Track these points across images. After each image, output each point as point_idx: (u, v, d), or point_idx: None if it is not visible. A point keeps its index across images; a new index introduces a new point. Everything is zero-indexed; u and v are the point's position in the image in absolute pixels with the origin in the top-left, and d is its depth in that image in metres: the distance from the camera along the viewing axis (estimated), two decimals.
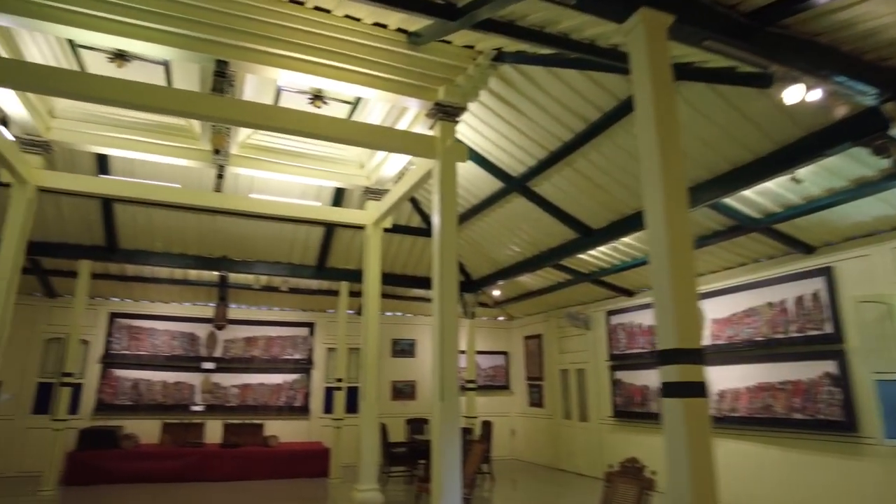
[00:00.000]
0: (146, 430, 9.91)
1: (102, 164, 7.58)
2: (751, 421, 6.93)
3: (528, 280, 10.35)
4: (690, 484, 2.28)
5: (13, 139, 6.07)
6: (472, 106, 5.87)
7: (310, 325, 11.66)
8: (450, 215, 5.01)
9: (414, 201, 9.13)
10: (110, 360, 10.16)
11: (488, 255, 9.72)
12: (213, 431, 10.18)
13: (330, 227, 9.28)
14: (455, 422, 4.66)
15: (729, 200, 5.91)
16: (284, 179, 7.86)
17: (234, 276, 10.41)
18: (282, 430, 10.73)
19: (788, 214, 5.89)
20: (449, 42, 5.06)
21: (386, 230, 7.52)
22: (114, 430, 8.96)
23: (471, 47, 5.11)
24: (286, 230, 9.28)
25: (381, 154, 7.11)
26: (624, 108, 5.35)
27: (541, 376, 11.72)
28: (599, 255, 8.22)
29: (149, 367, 10.33)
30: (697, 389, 2.42)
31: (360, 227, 9.24)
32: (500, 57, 5.14)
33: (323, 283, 10.90)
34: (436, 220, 5.00)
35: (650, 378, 8.73)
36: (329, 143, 7.43)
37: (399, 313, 12.41)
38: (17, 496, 7.89)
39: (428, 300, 12.06)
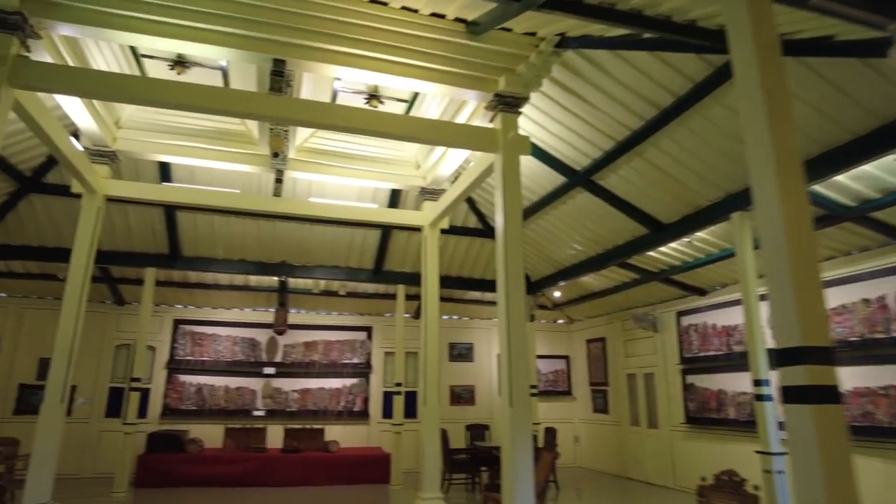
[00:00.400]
0: (210, 434, 10.06)
1: (165, 172, 7.72)
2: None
3: (590, 280, 9.94)
4: None
5: (83, 150, 6.22)
6: (532, 97, 5.60)
7: (367, 329, 11.60)
8: (514, 211, 4.75)
9: (470, 201, 8.91)
10: (175, 366, 10.38)
11: (548, 255, 9.37)
12: (275, 436, 10.24)
13: (386, 230, 9.17)
14: (526, 429, 4.38)
15: (817, 188, 5.39)
16: (341, 182, 7.82)
17: (293, 282, 10.46)
18: (341, 435, 10.68)
19: (889, 201, 5.32)
20: (509, 30, 4.81)
21: (442, 231, 7.32)
22: (179, 435, 9.12)
23: (532, 34, 4.85)
24: (343, 234, 9.24)
25: (437, 153, 6.93)
26: (699, 91, 4.96)
27: (605, 381, 11.24)
28: (670, 251, 7.76)
29: (212, 373, 10.50)
30: (829, 394, 2.07)
31: (416, 229, 9.09)
32: (563, 43, 4.85)
33: (380, 286, 10.83)
34: (499, 217, 4.74)
35: (727, 382, 8.17)
36: (385, 144, 7.35)
37: (455, 317, 12.18)
38: (93, 497, 8.12)
39: (485, 303, 11.81)
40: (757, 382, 5.42)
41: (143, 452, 8.90)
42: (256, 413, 10.49)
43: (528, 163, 6.93)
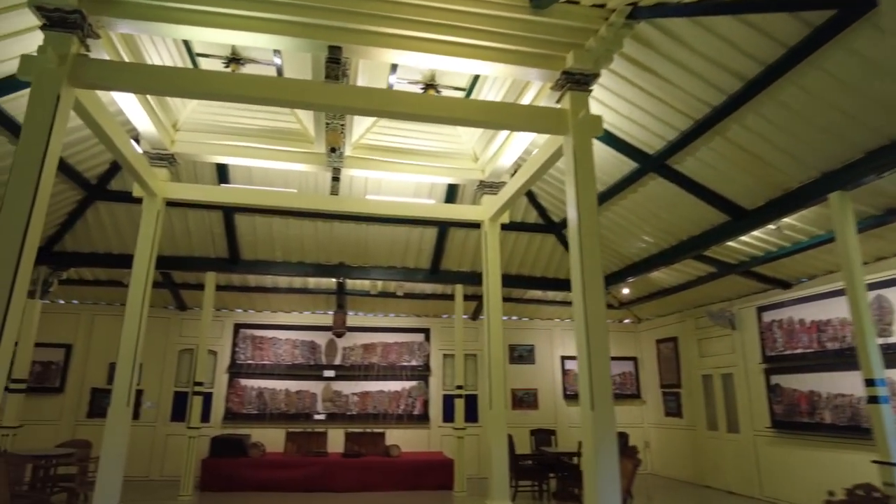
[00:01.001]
0: (271, 438, 10.04)
1: (223, 174, 7.72)
2: None
3: (661, 276, 9.36)
4: None
5: (142, 153, 6.24)
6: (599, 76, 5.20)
7: (425, 330, 11.37)
8: (588, 198, 4.38)
9: (530, 195, 8.53)
10: (236, 370, 10.44)
11: (616, 249, 8.87)
12: (335, 440, 10.13)
13: (443, 228, 8.91)
14: (610, 434, 3.98)
15: None
16: (397, 179, 7.61)
17: (350, 283, 10.35)
18: (402, 439, 10.47)
19: None
20: (576, 2, 4.45)
21: (502, 227, 6.98)
22: (242, 439, 9.11)
23: (601, 5, 4.46)
24: (400, 233, 9.04)
25: (496, 144, 6.61)
26: (792, 57, 4.44)
27: (678, 383, 10.59)
28: (752, 241, 7.15)
29: (272, 376, 10.50)
30: None
31: (475, 226, 8.80)
32: (635, 13, 4.43)
33: (437, 287, 10.58)
34: (571, 206, 4.38)
35: (819, 382, 7.46)
36: (441, 138, 7.09)
37: (515, 317, 11.80)
38: (160, 500, 8.19)
39: (546, 302, 11.39)
40: (870, 382, 4.80)
41: (207, 456, 8.93)
42: (317, 416, 10.42)
43: (594, 149, 6.51)
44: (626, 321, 12.08)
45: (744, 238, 7.03)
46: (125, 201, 7.92)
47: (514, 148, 6.21)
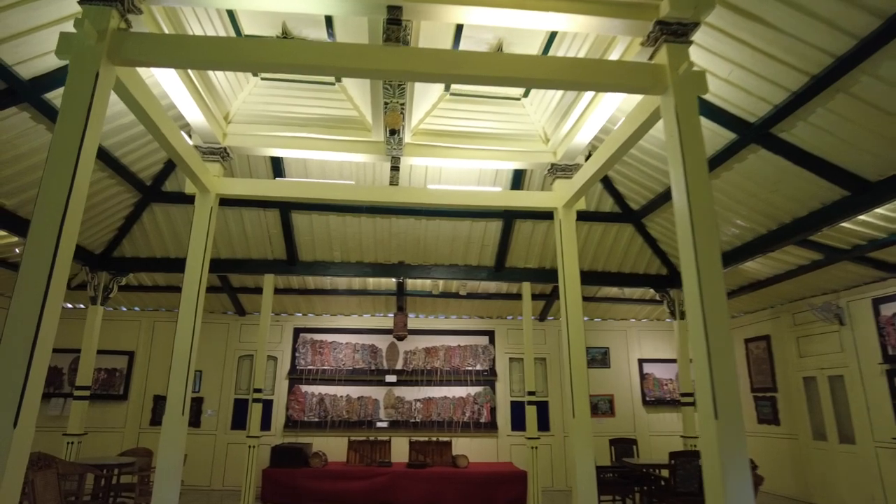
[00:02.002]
0: (333, 447, 9.65)
1: (277, 168, 7.38)
2: None
3: (753, 266, 8.39)
4: None
5: (194, 147, 5.93)
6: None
7: (489, 333, 10.74)
8: (698, 164, 3.64)
9: (605, 181, 7.80)
10: (297, 376, 10.11)
11: None
12: (399, 449, 9.63)
13: (508, 221, 8.28)
14: (740, 447, 3.23)
15: None
16: (459, 167, 7.07)
17: (410, 284, 9.88)
18: (468, 449, 9.89)
19: None
20: None
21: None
22: (303, 448, 8.73)
23: None
24: (462, 229, 8.48)
25: (570, 121, 5.93)
26: None
27: (773, 386, 9.53)
28: (872, 220, 6.18)
29: (333, 382, 10.12)
30: None
31: (544, 216, 8.16)
32: None
33: (501, 286, 9.95)
34: (677, 176, 3.65)
35: None
36: (508, 118, 6.48)
37: (586, 318, 11.01)
38: None
39: (622, 300, 10.56)
40: None
41: (267, 466, 8.59)
42: (379, 424, 9.96)
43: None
44: None
45: (863, 217, 6.07)
46: (180, 202, 7.72)
47: (592, 124, 5.52)
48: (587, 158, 5.84)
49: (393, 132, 5.55)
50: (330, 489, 8.37)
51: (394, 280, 9.54)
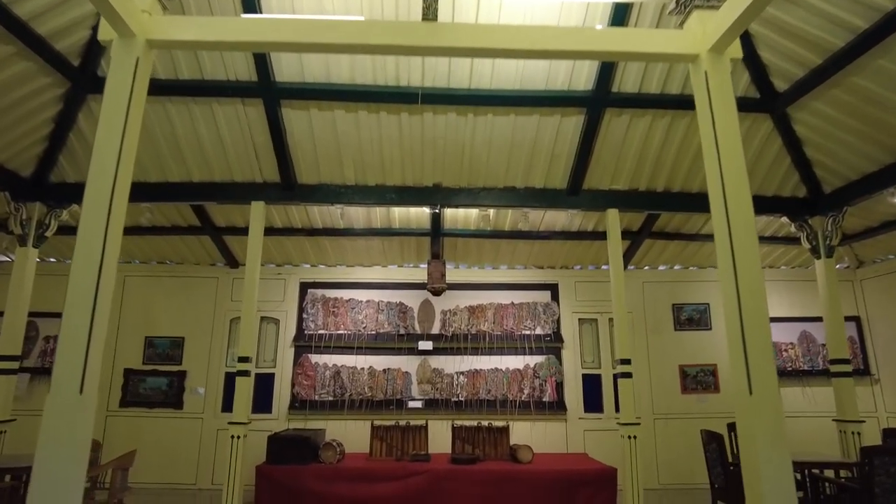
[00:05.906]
0: (353, 435, 7.38)
1: (249, 3, 4.97)
2: None
3: None
4: None
5: None
6: None
7: (552, 286, 8.26)
8: None
9: (744, 40, 5.17)
10: (305, 343, 7.81)
11: (853, 147, 5.38)
12: (438, 437, 7.32)
13: (596, 111, 5.74)
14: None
15: None
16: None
17: (450, 219, 7.44)
18: (529, 437, 7.52)
19: None
20: None
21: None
22: (311, 437, 6.42)
23: None
24: (525, 129, 5.99)
25: None
26: None
27: None
28: None
29: (351, 351, 7.79)
30: None
31: (649, 102, 5.63)
32: None
33: (574, 219, 7.42)
34: None
35: None
36: None
37: (678, 266, 8.47)
38: None
39: None
40: None
41: (262, 462, 6.33)
42: (412, 404, 7.63)
43: None
44: (839, 266, 8.37)
45: None
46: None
47: None
48: None
49: None
50: (348, 494, 6.06)
51: (427, 212, 7.10)
